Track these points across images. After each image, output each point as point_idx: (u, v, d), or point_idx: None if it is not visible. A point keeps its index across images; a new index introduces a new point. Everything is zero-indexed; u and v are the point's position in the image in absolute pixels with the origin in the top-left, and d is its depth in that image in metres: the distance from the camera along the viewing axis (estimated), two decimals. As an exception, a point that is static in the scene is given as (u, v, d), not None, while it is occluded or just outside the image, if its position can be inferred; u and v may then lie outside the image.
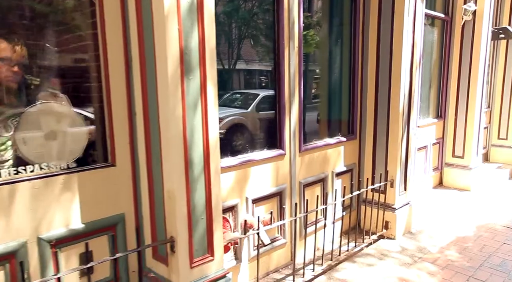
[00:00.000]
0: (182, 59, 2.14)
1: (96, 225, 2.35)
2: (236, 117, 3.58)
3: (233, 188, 3.04)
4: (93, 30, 2.32)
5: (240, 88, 3.66)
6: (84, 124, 2.34)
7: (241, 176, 3.11)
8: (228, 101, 3.55)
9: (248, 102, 3.72)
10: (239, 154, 3.16)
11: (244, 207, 3.18)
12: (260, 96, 3.76)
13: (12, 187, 2.03)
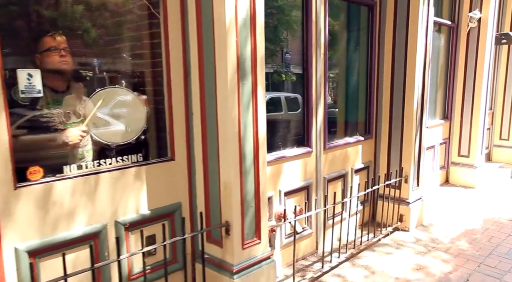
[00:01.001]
0: (239, 66, 2.48)
1: (158, 211, 2.68)
2: (272, 117, 3.89)
3: (269, 181, 3.36)
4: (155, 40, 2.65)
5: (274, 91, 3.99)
6: (142, 110, 2.65)
7: (275, 171, 3.44)
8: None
9: (281, 104, 4.05)
10: (273, 151, 3.48)
11: (278, 199, 3.51)
12: (291, 98, 4.09)
13: (97, 177, 2.36)
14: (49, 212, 2.18)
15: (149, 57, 2.70)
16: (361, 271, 3.67)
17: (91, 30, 2.44)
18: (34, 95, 2.12)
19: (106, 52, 2.59)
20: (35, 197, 2.12)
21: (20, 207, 2.07)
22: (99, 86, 2.43)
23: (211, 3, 2.43)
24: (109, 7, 2.53)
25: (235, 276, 2.60)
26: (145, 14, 2.64)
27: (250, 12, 2.50)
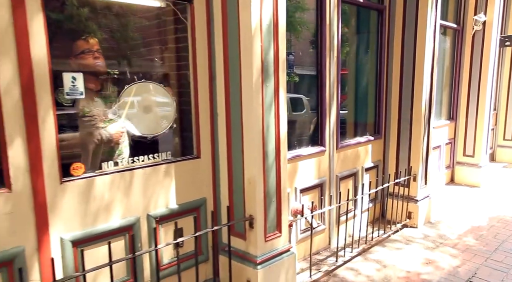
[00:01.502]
0: (263, 70, 2.65)
1: (185, 206, 2.85)
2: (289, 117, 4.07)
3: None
4: (182, 44, 2.82)
5: (290, 92, 4.15)
6: (173, 109, 2.82)
7: (291, 169, 3.61)
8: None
9: (297, 105, 4.22)
10: (290, 149, 3.64)
11: (294, 196, 3.68)
12: (306, 99, 4.26)
13: (131, 173, 2.53)
14: (90, 205, 2.35)
15: (176, 60, 2.87)
16: (373, 265, 3.83)
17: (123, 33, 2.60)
18: (77, 97, 2.29)
19: (137, 54, 2.76)
20: (77, 191, 2.29)
21: (65, 200, 2.24)
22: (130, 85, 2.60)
23: (237, 10, 2.60)
24: (141, 13, 2.70)
25: (259, 267, 2.76)
26: (173, 19, 2.81)
27: (273, 19, 2.66)
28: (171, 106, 2.82)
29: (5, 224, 2.04)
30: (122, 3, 2.59)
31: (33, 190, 2.11)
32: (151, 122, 2.73)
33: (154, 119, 2.75)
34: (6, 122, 1.99)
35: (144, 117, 2.70)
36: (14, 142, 2.03)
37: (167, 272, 2.76)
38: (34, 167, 2.09)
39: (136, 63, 2.75)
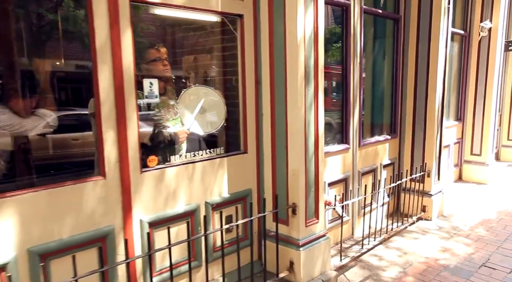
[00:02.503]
0: (306, 75, 3.04)
1: (235, 196, 3.23)
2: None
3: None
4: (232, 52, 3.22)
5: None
6: (224, 110, 3.20)
7: (321, 164, 3.98)
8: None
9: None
10: (320, 146, 4.02)
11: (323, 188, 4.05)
12: (333, 101, 4.66)
13: (193, 165, 2.91)
14: (161, 192, 2.73)
15: (227, 66, 3.26)
16: (394, 252, 4.21)
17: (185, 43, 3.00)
18: (153, 99, 2.68)
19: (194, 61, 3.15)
20: (152, 180, 2.68)
21: (143, 187, 2.62)
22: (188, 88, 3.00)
23: (284, 23, 2.99)
24: (200, 26, 3.10)
25: (301, 249, 3.14)
26: (225, 31, 3.21)
27: (314, 30, 3.06)
28: (222, 108, 3.21)
29: (101, 206, 2.42)
30: (187, 19, 2.98)
31: (121, 178, 2.49)
32: (206, 122, 3.12)
33: (209, 119, 3.13)
34: (104, 122, 2.37)
35: (200, 118, 3.09)
36: (108, 138, 2.41)
37: (219, 254, 3.12)
38: (122, 158, 2.48)
39: (193, 69, 3.14)
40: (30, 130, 2.43)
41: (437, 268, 3.84)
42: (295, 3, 2.89)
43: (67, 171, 2.85)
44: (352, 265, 3.86)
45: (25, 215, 2.13)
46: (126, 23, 2.42)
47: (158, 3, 2.61)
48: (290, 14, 2.94)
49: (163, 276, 2.75)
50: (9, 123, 2.31)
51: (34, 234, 2.17)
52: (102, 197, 2.41)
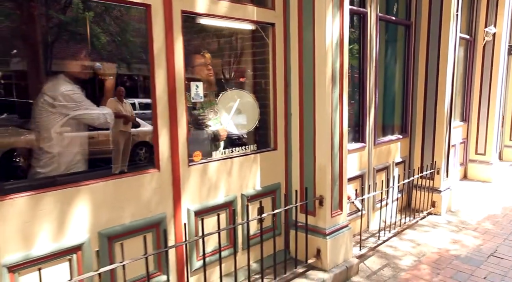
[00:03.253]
0: (332, 78, 3.33)
1: (266, 189, 3.52)
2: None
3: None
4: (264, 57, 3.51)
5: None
6: (257, 111, 3.50)
7: (341, 161, 4.27)
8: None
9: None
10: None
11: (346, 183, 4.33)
12: (351, 102, 4.95)
13: (231, 160, 3.20)
14: (205, 184, 3.02)
15: (259, 70, 3.56)
16: (408, 243, 4.50)
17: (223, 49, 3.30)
18: (198, 100, 2.97)
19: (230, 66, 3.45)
20: (198, 173, 2.97)
21: (190, 179, 2.91)
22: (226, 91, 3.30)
23: (312, 31, 3.29)
24: (236, 34, 3.40)
25: (328, 237, 3.43)
26: (258, 38, 3.51)
27: (340, 37, 3.36)
28: (255, 109, 3.50)
29: (155, 196, 2.71)
30: (226, 28, 3.28)
31: (172, 171, 2.78)
32: (241, 121, 3.41)
33: (243, 119, 3.43)
34: (159, 120, 2.67)
35: (236, 118, 3.38)
36: (162, 135, 2.70)
37: (252, 242, 3.41)
38: (173, 153, 2.77)
39: (230, 73, 3.43)
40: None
41: (449, 257, 4.13)
42: (324, 13, 3.19)
43: (129, 164, 3.15)
44: (370, 255, 4.15)
45: (97, 202, 2.42)
46: (178, 32, 2.71)
47: (204, 14, 2.91)
48: (319, 23, 3.24)
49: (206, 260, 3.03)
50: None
51: (103, 219, 2.46)
52: (156, 187, 2.70)
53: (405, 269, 3.85)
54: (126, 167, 3.05)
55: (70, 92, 2.54)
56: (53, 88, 2.53)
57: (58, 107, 2.50)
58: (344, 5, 3.34)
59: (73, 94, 2.56)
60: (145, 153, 4.86)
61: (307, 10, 3.32)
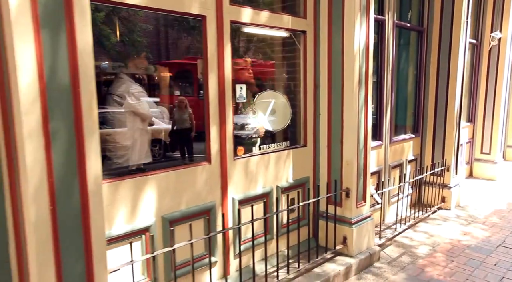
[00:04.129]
0: (359, 80, 3.67)
1: (297, 182, 3.85)
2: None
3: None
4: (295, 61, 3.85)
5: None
6: (289, 111, 3.84)
7: (361, 157, 4.61)
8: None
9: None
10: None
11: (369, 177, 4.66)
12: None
13: (268, 155, 3.54)
14: (247, 177, 3.35)
15: (291, 74, 3.90)
16: (422, 235, 4.84)
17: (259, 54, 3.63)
18: (242, 101, 3.30)
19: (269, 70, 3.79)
20: (241, 166, 3.30)
21: (235, 172, 3.25)
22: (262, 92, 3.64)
23: (341, 38, 3.63)
24: (272, 41, 3.73)
25: (353, 226, 3.77)
26: (290, 44, 3.84)
27: (366, 44, 3.70)
28: (288, 109, 3.84)
29: (206, 186, 3.04)
30: (264, 35, 3.63)
31: (220, 164, 3.11)
32: (276, 120, 3.75)
33: (278, 118, 3.76)
34: (210, 118, 3.00)
35: (271, 117, 3.72)
36: (213, 132, 3.04)
37: (285, 230, 3.74)
38: (222, 148, 3.10)
39: (264, 76, 3.77)
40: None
41: (461, 247, 4.47)
42: (353, 22, 3.53)
43: (185, 157, 3.48)
44: (388, 244, 4.49)
45: (161, 190, 2.75)
46: (227, 39, 3.05)
47: (248, 23, 3.24)
48: (348, 30, 3.58)
49: (246, 245, 3.37)
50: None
51: (165, 205, 2.79)
52: (207, 178, 3.04)
53: (421, 256, 4.19)
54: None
55: (134, 90, 2.88)
56: (121, 88, 2.86)
57: (126, 105, 2.83)
58: (370, 14, 3.68)
59: (138, 93, 2.89)
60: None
61: (337, 19, 3.65)
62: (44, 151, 1.75)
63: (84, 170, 1.88)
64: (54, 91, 1.76)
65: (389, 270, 3.85)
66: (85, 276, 1.94)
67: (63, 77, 1.78)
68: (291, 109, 3.86)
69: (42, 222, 1.77)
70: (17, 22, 1.62)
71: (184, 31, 4.26)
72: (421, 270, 3.87)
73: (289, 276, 3.31)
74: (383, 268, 3.90)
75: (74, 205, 1.88)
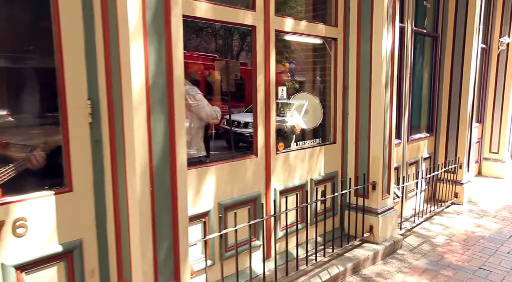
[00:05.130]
0: (386, 83, 4.04)
1: (327, 175, 4.22)
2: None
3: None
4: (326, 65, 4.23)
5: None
6: (320, 111, 4.21)
7: (382, 154, 4.98)
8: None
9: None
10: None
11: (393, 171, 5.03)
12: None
13: (304, 151, 3.91)
14: (286, 170, 3.72)
15: (322, 77, 4.27)
16: (438, 227, 5.20)
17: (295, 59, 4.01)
18: (283, 101, 3.68)
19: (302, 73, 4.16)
20: (281, 160, 3.67)
21: (277, 165, 3.62)
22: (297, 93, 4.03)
23: (370, 44, 4.00)
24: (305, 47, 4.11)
25: (379, 215, 4.14)
26: (321, 49, 4.22)
27: (391, 50, 4.07)
28: (319, 109, 4.21)
29: (253, 177, 3.41)
30: (300, 42, 4.01)
31: (265, 157, 3.49)
32: (309, 119, 4.12)
33: (310, 117, 4.14)
34: (258, 117, 3.37)
35: (305, 116, 4.09)
36: (259, 129, 3.41)
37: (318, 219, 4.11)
38: (266, 143, 3.47)
39: (299, 79, 4.15)
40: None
41: (475, 237, 4.83)
42: (381, 30, 3.90)
43: (235, 151, 3.86)
44: (408, 234, 4.85)
45: (217, 179, 3.12)
46: (272, 46, 3.43)
47: (290, 32, 3.62)
48: (377, 37, 3.95)
49: (283, 232, 3.73)
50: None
51: (221, 193, 3.16)
52: (254, 170, 3.41)
53: (440, 245, 4.55)
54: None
55: (193, 92, 3.26)
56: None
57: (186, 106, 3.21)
58: (395, 23, 4.06)
59: (196, 94, 3.27)
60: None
61: (365, 28, 4.03)
62: (147, 143, 2.13)
63: (174, 158, 2.26)
64: (154, 93, 2.13)
65: (411, 257, 4.21)
66: (172, 247, 2.32)
67: (161, 82, 2.16)
68: (322, 109, 4.23)
69: (144, 200, 2.15)
70: (133, 38, 2.00)
71: (236, 39, 4.68)
72: (441, 256, 4.23)
73: (325, 259, 3.68)
74: (405, 254, 4.27)
75: (166, 188, 2.25)
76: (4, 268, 2.01)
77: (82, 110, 2.24)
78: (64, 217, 2.21)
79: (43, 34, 2.18)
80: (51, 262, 2.19)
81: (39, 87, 2.37)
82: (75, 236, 2.28)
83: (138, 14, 2.01)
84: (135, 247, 2.18)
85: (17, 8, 2.18)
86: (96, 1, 2.18)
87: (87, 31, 2.20)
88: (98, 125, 2.29)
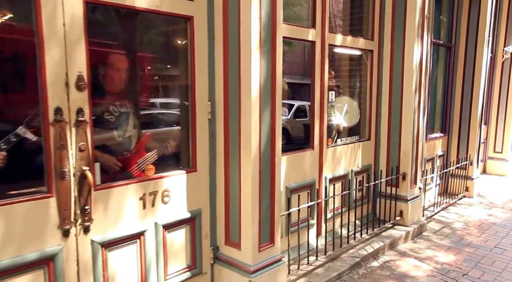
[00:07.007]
0: (415, 89, 4.74)
1: (363, 168, 4.91)
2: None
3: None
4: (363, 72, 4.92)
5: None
6: (358, 112, 4.91)
7: (406, 151, 5.67)
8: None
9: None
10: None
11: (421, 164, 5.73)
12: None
13: (346, 146, 4.60)
14: (333, 161, 4.41)
15: (360, 82, 4.97)
16: (454, 215, 5.90)
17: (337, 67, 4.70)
18: (332, 103, 4.37)
19: (343, 79, 4.86)
20: (330, 153, 4.35)
21: (327, 157, 4.30)
22: (338, 97, 4.72)
23: (402, 55, 4.70)
24: (346, 57, 4.81)
25: (409, 202, 4.83)
26: (359, 59, 4.92)
27: (420, 60, 4.78)
28: (356, 110, 4.91)
29: (310, 167, 4.09)
30: (343, 53, 4.71)
31: (319, 150, 4.17)
32: (349, 119, 4.82)
33: (350, 117, 4.83)
34: (314, 115, 4.06)
35: (345, 116, 4.79)
36: (315, 126, 4.09)
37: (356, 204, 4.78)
38: (320, 138, 4.16)
39: (340, 85, 4.84)
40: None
41: (488, 224, 5.54)
42: (412, 43, 4.61)
43: (296, 144, 4.53)
44: (429, 221, 5.55)
45: (286, 167, 3.80)
46: (326, 57, 4.12)
47: (339, 45, 4.32)
48: (408, 49, 4.65)
49: (331, 214, 4.42)
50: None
51: (288, 178, 3.84)
52: (311, 161, 4.09)
53: (458, 229, 5.25)
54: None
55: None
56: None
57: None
58: (424, 36, 4.76)
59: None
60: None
61: (398, 41, 4.73)
62: (258, 134, 2.81)
63: (274, 145, 2.94)
64: (264, 95, 2.82)
65: (435, 237, 4.91)
66: (270, 216, 2.99)
67: (268, 87, 2.84)
68: (359, 111, 4.93)
69: (255, 178, 2.83)
70: (254, 54, 2.69)
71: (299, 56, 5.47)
72: (461, 238, 4.93)
73: (366, 236, 4.37)
74: (430, 236, 4.96)
75: (267, 169, 2.93)
76: (156, 227, 2.68)
77: (204, 110, 2.91)
78: (191, 190, 2.89)
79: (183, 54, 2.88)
80: (183, 224, 2.86)
81: (178, 91, 3.07)
82: (197, 206, 2.95)
83: (257, 36, 2.69)
84: (246, 214, 2.86)
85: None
86: (218, 25, 2.86)
87: (210, 50, 2.88)
88: (214, 121, 2.97)
